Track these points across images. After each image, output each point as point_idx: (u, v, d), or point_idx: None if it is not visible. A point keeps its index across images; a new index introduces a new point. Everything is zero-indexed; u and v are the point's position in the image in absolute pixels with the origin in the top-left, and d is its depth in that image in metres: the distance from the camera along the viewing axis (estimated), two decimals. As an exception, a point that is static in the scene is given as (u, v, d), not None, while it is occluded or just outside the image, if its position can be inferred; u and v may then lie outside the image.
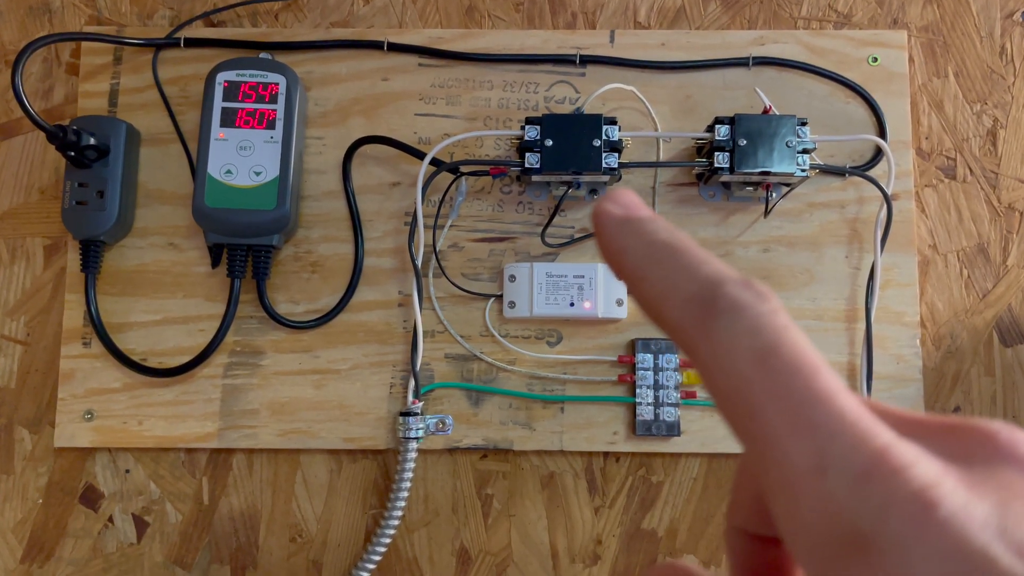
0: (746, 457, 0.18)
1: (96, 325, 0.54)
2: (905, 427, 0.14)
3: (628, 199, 0.18)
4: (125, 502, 0.54)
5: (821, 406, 0.13)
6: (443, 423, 0.54)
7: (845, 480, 0.13)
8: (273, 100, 0.53)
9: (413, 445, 0.52)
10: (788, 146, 0.51)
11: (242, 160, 0.53)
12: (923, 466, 0.12)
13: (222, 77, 0.53)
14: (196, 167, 0.53)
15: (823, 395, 0.13)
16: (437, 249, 0.55)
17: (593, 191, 0.56)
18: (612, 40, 0.58)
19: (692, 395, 0.53)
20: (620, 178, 0.54)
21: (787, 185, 0.55)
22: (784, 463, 0.13)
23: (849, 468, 0.13)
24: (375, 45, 0.57)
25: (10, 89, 0.48)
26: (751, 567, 0.19)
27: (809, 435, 0.13)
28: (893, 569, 0.12)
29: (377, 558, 0.51)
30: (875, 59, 0.57)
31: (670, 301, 0.16)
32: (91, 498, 0.54)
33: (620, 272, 0.17)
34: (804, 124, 0.51)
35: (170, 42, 0.57)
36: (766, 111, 0.52)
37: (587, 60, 0.57)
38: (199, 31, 0.58)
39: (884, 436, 0.13)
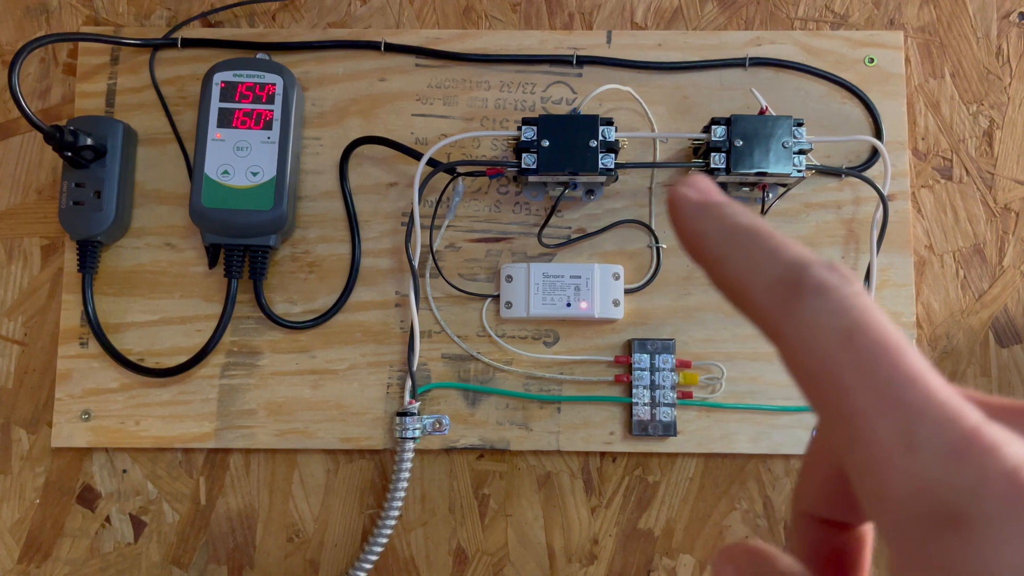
0: (819, 440, 0.18)
1: (93, 325, 0.54)
2: (989, 410, 0.14)
3: (704, 184, 0.18)
4: (122, 502, 0.54)
5: (910, 384, 0.13)
6: (440, 423, 0.54)
7: (936, 457, 0.13)
8: (270, 100, 0.53)
9: (410, 445, 0.52)
10: (784, 147, 0.51)
11: (239, 160, 0.53)
12: (1015, 446, 0.13)
13: (219, 77, 0.53)
14: (193, 167, 0.53)
15: (911, 373, 0.14)
16: (434, 249, 0.55)
17: (590, 192, 0.56)
18: (609, 41, 0.58)
19: (688, 395, 0.53)
20: (616, 179, 0.55)
21: (783, 186, 0.55)
22: (872, 440, 0.13)
23: (940, 445, 0.13)
24: (372, 45, 0.57)
25: (7, 89, 0.48)
26: (819, 552, 0.19)
27: (898, 412, 0.13)
28: (987, 545, 0.12)
29: (374, 558, 0.52)
30: (871, 60, 0.57)
31: (754, 283, 0.16)
32: (88, 498, 0.55)
33: (698, 255, 0.17)
34: (800, 125, 0.51)
35: (167, 42, 0.57)
36: (762, 112, 0.53)
37: (584, 61, 0.57)
38: (196, 31, 0.58)
39: (973, 416, 0.13)
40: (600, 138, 0.51)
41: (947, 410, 0.13)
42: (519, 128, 0.52)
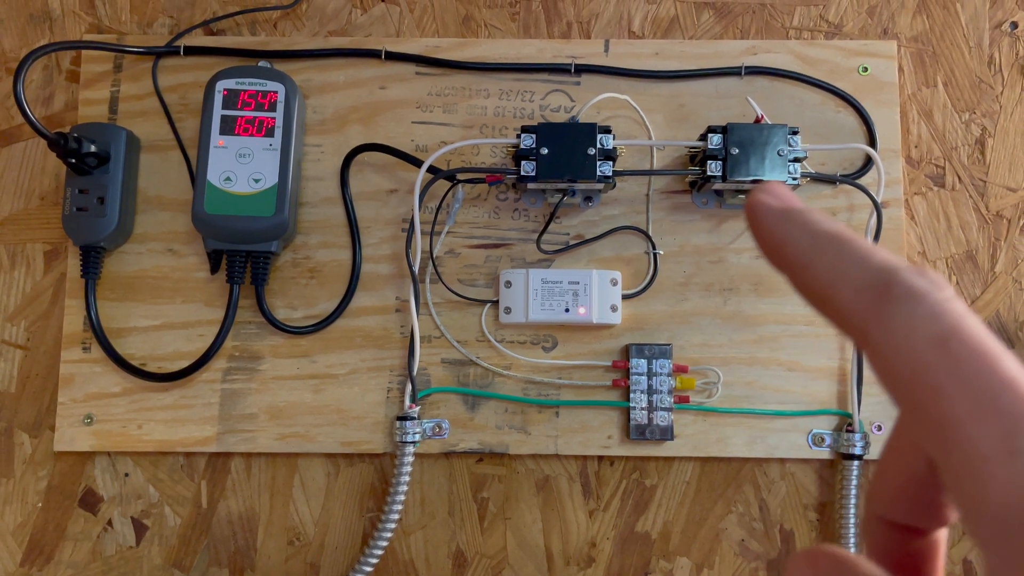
0: (897, 444, 0.18)
1: (96, 330, 0.54)
2: None
3: (783, 191, 0.18)
4: (124, 505, 0.55)
5: (1007, 390, 0.13)
6: (440, 427, 0.54)
7: None
8: (272, 108, 0.54)
9: (410, 449, 0.53)
10: (780, 155, 0.52)
11: (241, 167, 0.53)
12: None
13: (221, 85, 0.54)
14: (196, 174, 0.54)
15: (1009, 379, 0.13)
16: (434, 255, 0.56)
17: (588, 199, 0.56)
18: (607, 49, 0.58)
19: (685, 399, 0.54)
20: (614, 186, 0.55)
21: (779, 193, 0.55)
22: (971, 446, 0.13)
23: None
24: (373, 54, 0.58)
25: (11, 96, 0.49)
26: (893, 557, 0.19)
27: (996, 418, 0.13)
28: None
29: (374, 561, 0.52)
30: (865, 69, 0.58)
31: (842, 289, 0.16)
32: (90, 502, 0.55)
33: (782, 262, 0.17)
34: (795, 133, 0.52)
35: (170, 50, 0.57)
36: (758, 120, 0.53)
37: (582, 69, 0.58)
38: (199, 39, 0.59)
39: None
40: (598, 146, 0.52)
41: None
42: (518, 136, 0.52)
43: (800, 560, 0.18)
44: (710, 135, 0.52)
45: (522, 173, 0.52)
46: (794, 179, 0.52)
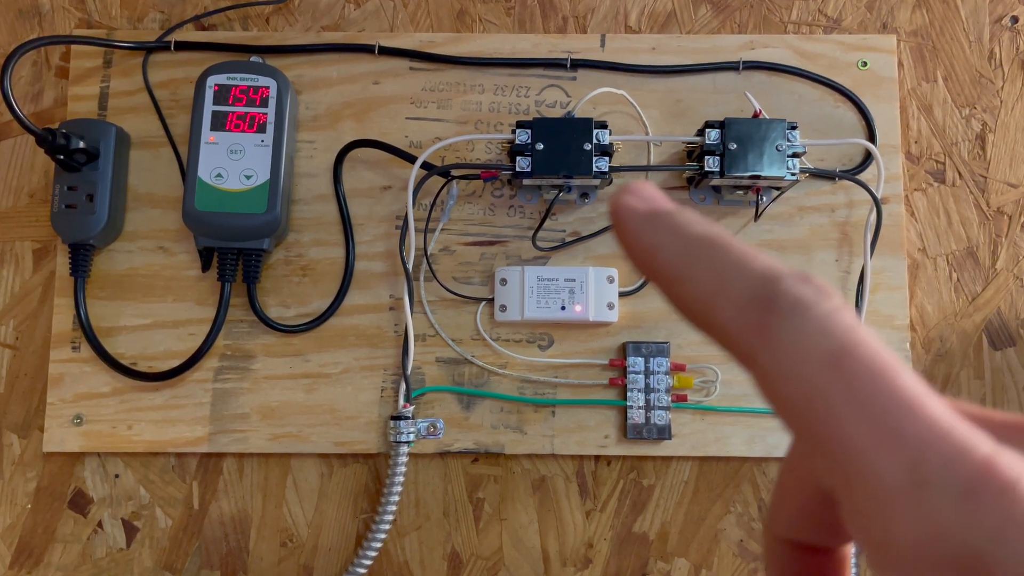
0: (794, 464, 0.17)
1: (85, 329, 0.54)
2: (990, 428, 0.13)
3: (650, 191, 0.16)
4: (114, 507, 0.54)
5: (910, 413, 0.12)
6: (434, 427, 0.54)
7: (950, 496, 0.11)
8: (264, 104, 0.53)
9: (404, 449, 0.52)
10: (778, 150, 0.51)
11: (233, 164, 0.53)
12: None
13: (213, 80, 0.53)
14: (186, 171, 0.53)
15: (910, 401, 0.12)
16: (428, 253, 0.55)
17: (584, 195, 0.56)
18: (603, 44, 0.58)
19: (683, 398, 0.53)
20: (611, 182, 0.55)
21: (777, 189, 0.55)
22: (872, 478, 0.12)
23: (953, 483, 0.12)
24: (366, 49, 0.57)
25: (-1, 92, 0.48)
26: None
27: (900, 446, 0.12)
28: None
29: (368, 562, 0.51)
30: (865, 63, 0.57)
31: (720, 303, 0.14)
32: (80, 503, 0.54)
33: (652, 272, 0.16)
34: (794, 128, 0.51)
35: (160, 45, 0.57)
36: (756, 115, 0.53)
37: (578, 64, 0.57)
38: (190, 34, 0.58)
39: (984, 446, 0.12)
40: (594, 141, 0.51)
41: (955, 441, 0.12)
42: (513, 131, 0.52)
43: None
44: (707, 130, 0.52)
45: (517, 169, 0.51)
46: (793, 174, 0.51)
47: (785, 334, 0.13)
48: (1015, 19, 0.59)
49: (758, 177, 0.51)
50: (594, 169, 0.51)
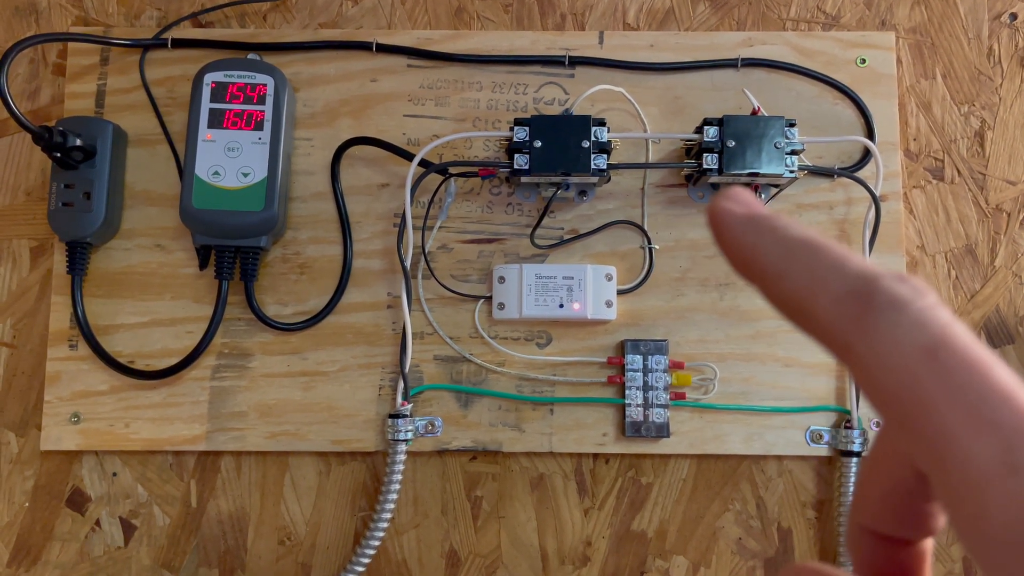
0: (881, 454, 0.18)
1: (83, 327, 0.53)
2: None
3: (747, 196, 0.17)
4: (112, 505, 0.54)
5: (1004, 403, 0.13)
6: (432, 425, 0.54)
7: None
8: (261, 101, 0.53)
9: (402, 447, 0.52)
10: (776, 147, 0.51)
11: (230, 161, 0.52)
12: None
13: (210, 78, 0.53)
14: (184, 168, 0.53)
15: (1004, 391, 0.13)
16: (426, 250, 0.55)
17: (582, 192, 0.56)
18: (601, 41, 0.58)
19: (681, 396, 0.53)
20: (609, 179, 0.55)
21: (776, 186, 0.55)
22: (967, 462, 0.13)
23: None
24: (364, 46, 0.57)
25: (-5, 90, 0.48)
26: (879, 569, 0.18)
27: (994, 433, 0.13)
28: None
29: (366, 560, 0.51)
30: (863, 60, 0.57)
31: (819, 297, 0.15)
32: (78, 501, 0.54)
33: (752, 272, 0.16)
34: (792, 125, 0.51)
35: (157, 43, 0.57)
36: (755, 112, 0.53)
37: (576, 61, 0.57)
38: (187, 32, 0.58)
39: None
40: (592, 139, 0.51)
41: None
42: (511, 129, 0.51)
43: None
44: (706, 128, 0.51)
45: (515, 167, 0.51)
46: (791, 172, 0.51)
47: (883, 327, 0.14)
48: (1014, 16, 0.59)
49: (756, 174, 0.51)
50: (592, 166, 0.51)
